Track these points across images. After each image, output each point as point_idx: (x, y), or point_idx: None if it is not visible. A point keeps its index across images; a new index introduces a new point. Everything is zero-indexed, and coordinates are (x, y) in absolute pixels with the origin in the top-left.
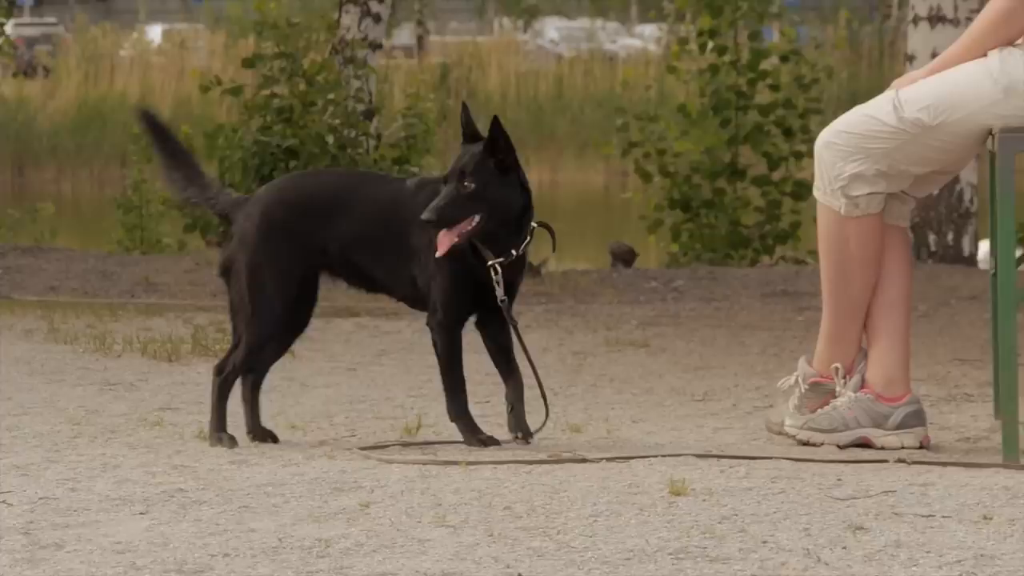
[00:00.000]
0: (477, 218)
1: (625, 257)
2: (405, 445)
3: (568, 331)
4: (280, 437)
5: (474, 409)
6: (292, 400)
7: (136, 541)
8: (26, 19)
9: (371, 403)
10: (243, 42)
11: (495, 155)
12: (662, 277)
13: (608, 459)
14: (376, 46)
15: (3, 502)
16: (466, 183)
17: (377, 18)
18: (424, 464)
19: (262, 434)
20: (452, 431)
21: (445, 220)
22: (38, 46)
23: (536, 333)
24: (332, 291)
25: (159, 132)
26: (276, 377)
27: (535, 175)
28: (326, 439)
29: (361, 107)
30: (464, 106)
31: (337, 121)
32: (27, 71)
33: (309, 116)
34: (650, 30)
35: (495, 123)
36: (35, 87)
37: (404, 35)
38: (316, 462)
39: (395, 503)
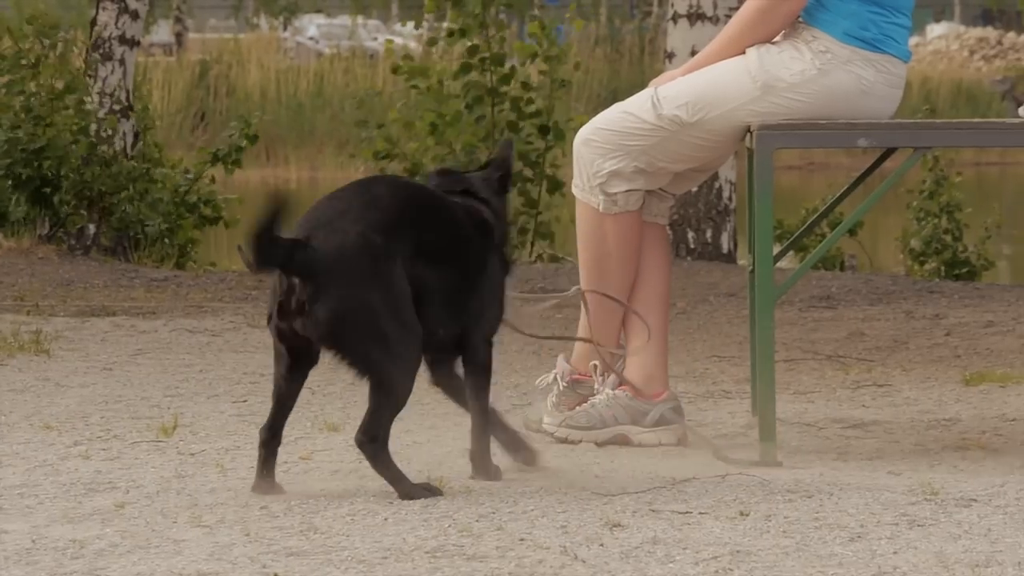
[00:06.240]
0: None
1: None
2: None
3: None
4: (35, 438)
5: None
6: (47, 400)
7: None
8: None
9: (127, 403)
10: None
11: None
12: None
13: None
14: (134, 43)
15: None
16: None
17: (135, 15)
18: (180, 464)
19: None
20: (207, 428)
21: None
22: None
23: None
24: (89, 290)
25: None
26: (30, 377)
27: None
28: (81, 439)
29: (118, 105)
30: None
31: (88, 121)
32: None
33: (58, 115)
34: (411, 27)
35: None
36: None
37: (163, 32)
38: (71, 462)
39: (150, 503)
